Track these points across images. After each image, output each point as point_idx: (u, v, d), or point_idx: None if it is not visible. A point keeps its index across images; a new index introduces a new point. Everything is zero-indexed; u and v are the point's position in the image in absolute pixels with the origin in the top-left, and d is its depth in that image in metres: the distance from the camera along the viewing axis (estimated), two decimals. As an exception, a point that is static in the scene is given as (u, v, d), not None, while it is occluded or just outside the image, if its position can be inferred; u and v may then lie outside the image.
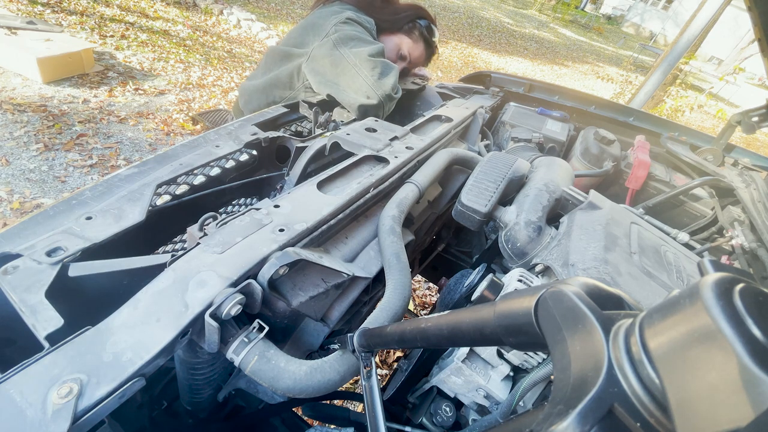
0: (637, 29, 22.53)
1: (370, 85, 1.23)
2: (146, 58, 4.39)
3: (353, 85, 1.24)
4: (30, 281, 0.52)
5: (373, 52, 1.26)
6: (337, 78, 1.26)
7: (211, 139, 0.91)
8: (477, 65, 8.40)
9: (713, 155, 1.54)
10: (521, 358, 0.66)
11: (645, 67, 13.24)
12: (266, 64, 1.44)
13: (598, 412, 0.22)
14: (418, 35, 1.53)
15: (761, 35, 1.23)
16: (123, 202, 0.68)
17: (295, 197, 0.74)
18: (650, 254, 0.80)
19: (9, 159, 2.66)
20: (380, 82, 1.24)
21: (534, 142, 1.51)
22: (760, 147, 9.51)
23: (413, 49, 1.54)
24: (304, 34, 1.35)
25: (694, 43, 5.28)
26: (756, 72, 15.04)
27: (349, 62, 1.24)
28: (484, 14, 13.87)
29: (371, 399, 0.54)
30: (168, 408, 0.85)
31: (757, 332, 0.18)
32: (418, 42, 1.54)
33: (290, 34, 1.42)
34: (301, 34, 1.36)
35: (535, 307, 0.30)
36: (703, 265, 0.25)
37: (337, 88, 1.27)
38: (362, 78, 1.23)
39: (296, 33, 1.38)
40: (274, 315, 0.64)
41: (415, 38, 1.53)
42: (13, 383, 0.41)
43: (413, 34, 1.52)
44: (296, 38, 1.37)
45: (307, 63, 1.30)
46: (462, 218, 0.91)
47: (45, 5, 4.68)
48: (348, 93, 1.25)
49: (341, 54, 1.24)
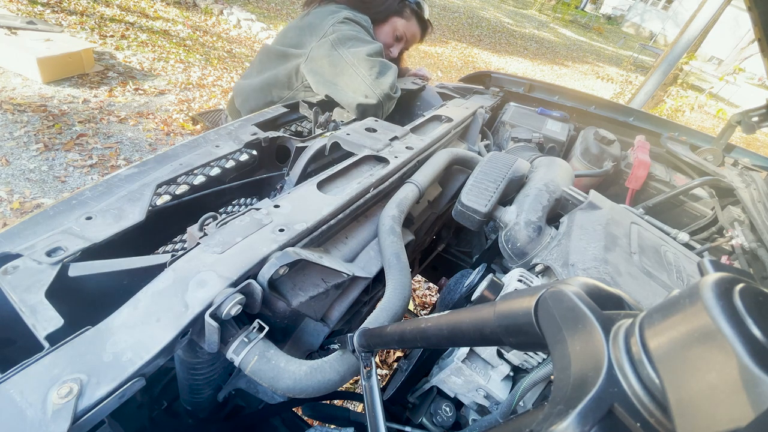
0: (637, 29, 22.53)
1: (369, 85, 1.23)
2: (146, 58, 4.39)
3: (352, 84, 1.24)
4: (30, 281, 0.52)
5: (371, 51, 1.26)
6: (335, 78, 1.26)
7: (211, 139, 0.91)
8: (477, 65, 8.40)
9: (713, 155, 1.54)
10: (521, 358, 0.66)
11: (645, 67, 13.25)
12: (261, 63, 1.44)
13: (598, 412, 0.22)
14: (409, 13, 1.54)
15: (761, 35, 1.23)
16: (123, 202, 0.68)
17: (295, 197, 0.74)
18: (650, 254, 0.80)
19: (9, 159, 2.66)
20: (378, 81, 1.24)
21: (534, 142, 1.51)
22: (760, 147, 9.51)
23: (407, 27, 1.55)
24: (301, 34, 1.34)
25: (694, 43, 5.28)
26: (756, 72, 15.04)
27: (347, 62, 1.24)
28: (484, 14, 13.87)
29: (371, 399, 0.54)
30: (168, 408, 0.85)
31: (757, 332, 0.18)
32: (410, 20, 1.55)
33: (285, 33, 1.42)
34: (298, 35, 1.36)
35: (535, 307, 0.30)
36: (703, 265, 0.25)
37: (335, 88, 1.27)
38: (360, 78, 1.23)
39: (292, 33, 1.38)
40: (274, 315, 0.64)
41: (407, 16, 1.54)
42: (13, 383, 0.41)
43: (405, 12, 1.53)
44: (293, 38, 1.37)
45: (306, 63, 1.30)
46: (462, 218, 0.91)
47: (45, 5, 4.68)
48: (347, 93, 1.25)
49: (339, 54, 1.24)
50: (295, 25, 1.40)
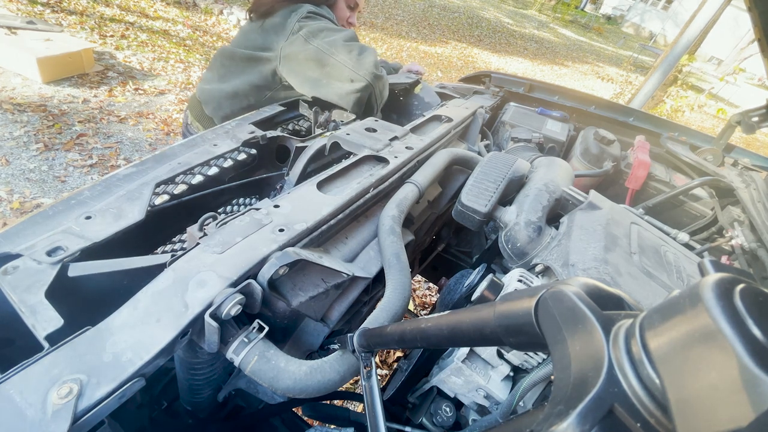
0: (637, 29, 22.53)
1: (352, 68, 1.18)
2: (146, 58, 4.39)
3: (335, 73, 1.20)
4: (30, 281, 0.52)
5: (346, 37, 1.22)
6: (316, 73, 1.21)
7: (208, 138, 0.91)
8: (477, 65, 8.40)
9: (713, 155, 1.54)
10: (521, 358, 0.66)
11: (645, 67, 13.25)
12: (224, 67, 1.37)
13: (599, 412, 0.22)
14: None
15: (761, 35, 1.23)
16: (122, 202, 0.68)
17: (295, 197, 0.74)
18: (650, 254, 0.80)
19: (9, 159, 2.66)
20: (361, 61, 1.19)
21: (534, 142, 1.51)
22: (760, 147, 9.51)
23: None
24: (266, 35, 1.28)
25: (693, 43, 5.28)
26: (756, 72, 15.05)
27: (325, 53, 1.19)
28: (484, 14, 13.88)
29: (371, 399, 0.54)
30: (168, 408, 0.85)
31: (757, 332, 0.18)
32: None
33: (246, 35, 1.34)
34: (262, 36, 1.29)
35: (535, 308, 0.30)
36: (703, 265, 0.25)
37: (320, 85, 1.22)
38: (341, 63, 1.18)
39: (255, 35, 1.31)
40: (274, 315, 0.64)
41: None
42: (13, 383, 0.41)
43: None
44: (257, 40, 1.30)
45: (283, 65, 1.25)
46: (462, 218, 0.91)
47: (45, 5, 4.68)
48: (333, 85, 1.21)
49: (315, 47, 1.20)
50: (256, 26, 1.32)
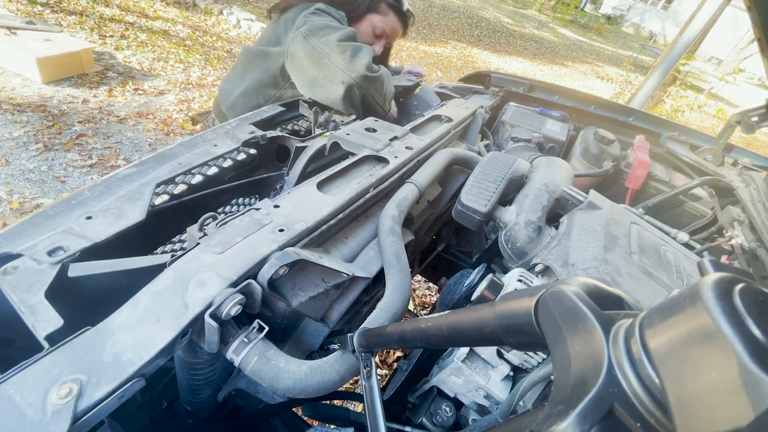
0: (637, 29, 22.53)
1: (343, 69, 1.17)
2: (146, 58, 4.39)
3: (329, 75, 1.19)
4: (30, 281, 0.52)
5: (341, 37, 1.21)
6: (313, 73, 1.21)
7: (208, 138, 0.91)
8: (477, 65, 8.40)
9: (713, 155, 1.54)
10: (521, 358, 0.66)
11: (645, 67, 13.24)
12: (242, 66, 1.40)
13: (598, 412, 0.22)
14: (385, 8, 1.47)
15: (761, 35, 1.23)
16: (122, 202, 0.68)
17: (295, 197, 0.74)
18: (650, 254, 0.80)
19: (8, 159, 2.66)
20: (353, 63, 1.18)
21: (534, 142, 1.51)
22: (760, 147, 9.51)
23: (386, 23, 1.49)
24: (278, 30, 1.30)
25: (693, 43, 5.28)
26: (756, 72, 15.05)
27: (320, 52, 1.18)
28: (483, 14, 13.87)
29: (371, 399, 0.54)
30: (168, 408, 0.85)
31: (757, 332, 0.18)
32: (388, 14, 1.48)
33: (264, 32, 1.38)
34: (274, 32, 1.32)
35: (535, 307, 0.30)
36: (703, 265, 0.25)
37: (315, 86, 1.22)
38: (334, 64, 1.18)
39: (270, 31, 1.35)
40: (274, 315, 0.64)
41: (383, 11, 1.47)
42: (13, 383, 0.41)
43: (380, 8, 1.47)
44: (270, 36, 1.33)
45: (288, 62, 1.26)
46: (462, 218, 0.91)
47: (44, 5, 4.68)
48: (327, 88, 1.21)
49: (312, 46, 1.19)
50: (273, 23, 1.36)
